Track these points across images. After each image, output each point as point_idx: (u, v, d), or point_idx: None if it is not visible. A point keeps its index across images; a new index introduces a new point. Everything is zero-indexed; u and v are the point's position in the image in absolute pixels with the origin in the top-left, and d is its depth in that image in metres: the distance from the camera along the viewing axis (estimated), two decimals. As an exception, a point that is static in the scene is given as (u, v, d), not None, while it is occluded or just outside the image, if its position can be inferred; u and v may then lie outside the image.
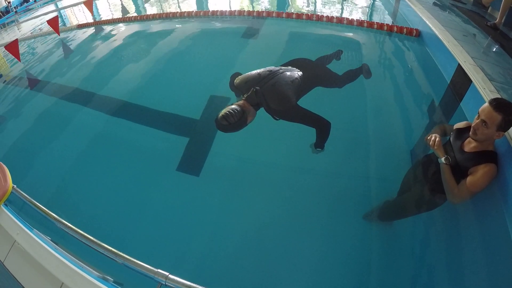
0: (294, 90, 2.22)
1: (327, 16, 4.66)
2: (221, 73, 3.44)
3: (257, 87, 2.14)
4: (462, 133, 1.79)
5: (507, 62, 2.83)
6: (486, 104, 1.57)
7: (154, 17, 5.76)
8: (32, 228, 1.71)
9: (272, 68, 2.37)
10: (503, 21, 3.72)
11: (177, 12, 5.86)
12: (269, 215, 2.29)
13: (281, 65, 2.56)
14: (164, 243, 2.18)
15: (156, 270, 1.28)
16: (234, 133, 2.12)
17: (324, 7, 5.83)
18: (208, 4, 6.88)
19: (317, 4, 6.07)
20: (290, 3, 6.40)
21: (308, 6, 6.04)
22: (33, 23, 8.14)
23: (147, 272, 1.29)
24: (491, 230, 1.73)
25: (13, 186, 1.84)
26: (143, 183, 2.64)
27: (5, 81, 4.93)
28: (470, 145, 1.70)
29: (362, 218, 2.18)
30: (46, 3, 10.64)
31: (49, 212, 1.65)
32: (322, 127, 2.22)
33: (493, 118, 1.52)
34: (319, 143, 2.28)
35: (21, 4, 11.84)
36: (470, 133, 1.64)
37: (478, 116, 1.59)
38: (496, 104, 1.53)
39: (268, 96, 2.14)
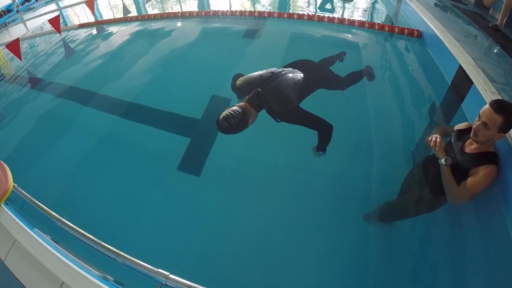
0: (296, 92, 2.22)
1: (329, 17, 4.66)
2: (223, 74, 3.44)
3: (258, 89, 2.14)
4: (463, 134, 1.79)
5: (508, 63, 2.82)
6: (487, 105, 1.57)
7: (155, 17, 5.76)
8: (33, 227, 1.72)
9: (274, 69, 2.36)
10: (504, 22, 3.71)
11: (178, 12, 5.86)
12: (269, 215, 2.29)
13: (284, 67, 2.55)
14: (164, 242, 2.19)
15: (156, 269, 1.29)
16: (235, 134, 2.12)
17: (326, 8, 5.84)
18: (209, 4, 6.88)
19: (318, 4, 6.08)
20: (291, 3, 6.40)
21: (309, 6, 6.04)
22: (35, 22, 8.15)
23: (147, 271, 1.29)
24: (491, 231, 1.73)
25: (14, 185, 1.84)
26: (143, 183, 2.64)
27: (6, 79, 4.94)
28: (471, 146, 1.70)
29: (363, 218, 2.18)
30: (47, 3, 10.65)
31: (49, 211, 1.65)
32: (324, 130, 2.20)
33: (494, 120, 1.52)
34: (321, 146, 2.28)
35: (22, 3, 11.85)
36: (471, 134, 1.64)
37: (479, 117, 1.59)
38: (497, 106, 1.53)
39: (270, 98, 2.13)
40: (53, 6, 9.84)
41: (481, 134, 1.58)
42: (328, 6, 5.93)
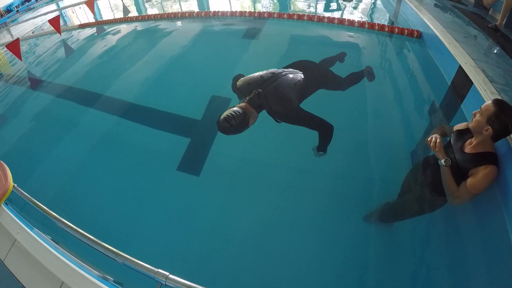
0: (296, 93, 2.21)
1: (328, 17, 4.66)
2: (222, 74, 3.45)
3: (259, 90, 2.14)
4: (462, 134, 1.79)
5: (508, 63, 2.83)
6: None
7: (155, 18, 5.76)
8: (33, 227, 1.72)
9: (274, 70, 2.36)
10: (504, 22, 3.72)
11: (178, 12, 5.86)
12: (269, 216, 2.29)
13: (284, 67, 2.55)
14: (164, 243, 2.18)
15: (156, 270, 1.29)
16: (236, 135, 2.12)
17: (326, 8, 5.84)
18: (209, 5, 6.89)
19: (318, 5, 6.08)
20: (291, 3, 6.41)
21: (309, 7, 6.04)
22: (35, 22, 8.16)
23: (147, 272, 1.29)
24: (491, 232, 1.73)
25: (13, 185, 1.84)
26: (143, 183, 2.64)
27: (6, 80, 4.94)
28: (470, 146, 1.70)
29: (362, 219, 2.18)
30: (47, 3, 10.67)
31: (49, 211, 1.65)
32: (324, 130, 2.20)
33: (487, 107, 1.59)
34: (322, 147, 2.27)
35: (22, 3, 11.86)
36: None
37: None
38: (497, 100, 1.60)
39: (270, 99, 2.13)
40: (53, 6, 9.85)
41: (474, 120, 1.65)
42: (329, 6, 5.94)
